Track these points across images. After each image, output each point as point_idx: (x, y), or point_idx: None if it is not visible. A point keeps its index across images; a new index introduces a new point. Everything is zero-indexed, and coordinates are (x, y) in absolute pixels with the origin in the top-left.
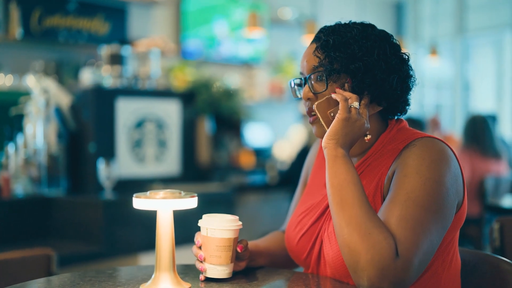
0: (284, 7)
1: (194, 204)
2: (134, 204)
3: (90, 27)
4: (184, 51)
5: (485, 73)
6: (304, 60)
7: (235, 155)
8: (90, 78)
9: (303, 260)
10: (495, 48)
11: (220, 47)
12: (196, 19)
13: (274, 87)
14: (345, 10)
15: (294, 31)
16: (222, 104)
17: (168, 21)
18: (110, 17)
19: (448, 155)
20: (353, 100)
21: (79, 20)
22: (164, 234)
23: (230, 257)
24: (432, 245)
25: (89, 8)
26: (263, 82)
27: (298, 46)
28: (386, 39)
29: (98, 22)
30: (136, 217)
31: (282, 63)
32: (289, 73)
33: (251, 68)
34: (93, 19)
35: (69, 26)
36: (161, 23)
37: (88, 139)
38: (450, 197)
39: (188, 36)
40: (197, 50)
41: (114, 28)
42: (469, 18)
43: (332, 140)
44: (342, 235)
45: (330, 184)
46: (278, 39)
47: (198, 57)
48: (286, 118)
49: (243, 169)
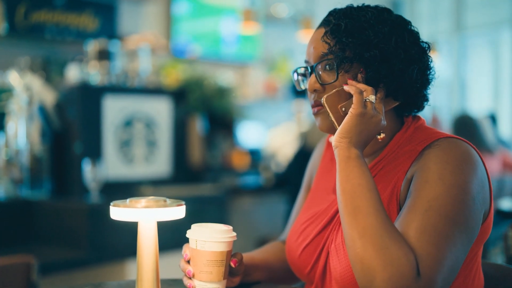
0: (278, 3)
1: (181, 214)
2: (111, 214)
3: (79, 23)
4: (175, 49)
5: (482, 72)
6: (311, 47)
7: (228, 156)
8: (76, 75)
9: (306, 274)
10: (493, 46)
11: (213, 45)
12: (187, 16)
13: (269, 85)
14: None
15: (289, 29)
16: (215, 103)
17: (158, 18)
18: (99, 12)
19: (474, 158)
20: (368, 93)
21: (67, 15)
22: (146, 248)
23: (223, 273)
24: (457, 261)
25: (77, 3)
26: (257, 81)
27: (293, 44)
28: (404, 25)
29: (87, 18)
30: (123, 222)
31: (277, 61)
32: (284, 72)
33: (245, 66)
34: (81, 14)
35: (56, 21)
36: (152, 19)
37: (74, 139)
38: (476, 206)
39: (180, 33)
40: (188, 48)
41: (103, 24)
42: (467, 16)
43: (345, 139)
44: (354, 249)
45: (342, 189)
46: (273, 37)
47: (189, 54)
48: (281, 117)
49: (236, 170)
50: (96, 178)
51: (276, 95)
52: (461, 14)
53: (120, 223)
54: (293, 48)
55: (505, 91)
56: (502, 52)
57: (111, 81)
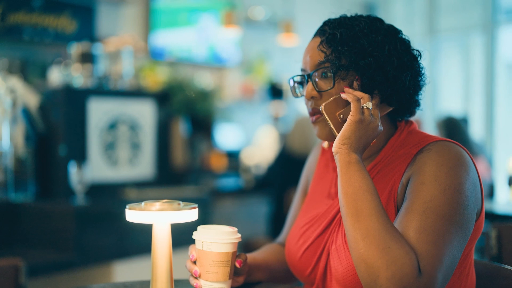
0: (255, 6)
1: (194, 216)
2: (127, 217)
3: (57, 25)
4: (153, 51)
5: (453, 74)
6: (307, 55)
7: (206, 158)
8: (58, 77)
9: (307, 276)
10: (464, 50)
11: (190, 47)
12: (166, 18)
13: (246, 88)
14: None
15: (266, 31)
16: (198, 106)
17: (137, 20)
18: (78, 14)
19: (466, 160)
20: (365, 100)
21: (44, 17)
22: (161, 250)
23: (228, 273)
24: (454, 259)
25: (55, 5)
26: (234, 83)
27: (270, 46)
28: (396, 34)
29: (65, 19)
30: (109, 224)
31: (254, 63)
32: (261, 74)
33: (222, 68)
34: (60, 16)
35: (34, 23)
36: (130, 22)
37: (58, 141)
38: (470, 205)
39: (158, 35)
40: (167, 50)
41: (81, 26)
42: (439, 20)
43: (345, 145)
44: (358, 249)
45: (344, 193)
46: (250, 40)
47: (168, 57)
48: (258, 120)
49: (215, 172)
50: (81, 181)
51: (253, 97)
52: (434, 17)
53: (106, 225)
54: (270, 50)
55: (475, 94)
56: (473, 56)
57: (94, 84)
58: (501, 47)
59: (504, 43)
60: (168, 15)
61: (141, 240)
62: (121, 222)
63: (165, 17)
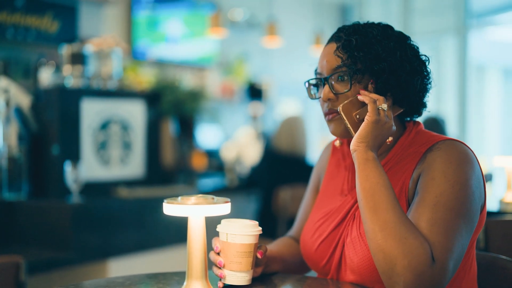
0: (235, 8)
1: (227, 210)
2: (164, 210)
3: (40, 25)
4: (135, 51)
5: None
6: (324, 60)
7: (188, 157)
8: (49, 78)
9: (322, 267)
10: (436, 52)
11: (171, 48)
12: (147, 19)
13: (225, 88)
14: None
15: (245, 33)
16: (187, 106)
17: (119, 21)
18: (60, 15)
19: (472, 158)
20: (381, 102)
21: (27, 17)
22: (196, 241)
23: (251, 263)
24: (462, 249)
25: (38, 5)
26: (214, 84)
27: (249, 47)
28: (405, 40)
29: (48, 20)
30: (106, 221)
31: (233, 64)
32: (240, 75)
33: (202, 69)
34: (42, 17)
35: (17, 23)
36: (112, 22)
37: (51, 141)
38: (475, 200)
39: (140, 36)
40: (148, 51)
41: (64, 27)
42: (414, 23)
43: (363, 143)
44: (376, 240)
45: (362, 188)
46: (229, 41)
47: (149, 57)
48: (237, 120)
49: (197, 172)
50: (77, 179)
51: (233, 97)
52: (408, 20)
53: (102, 223)
54: (249, 51)
55: (447, 95)
56: (445, 58)
57: (84, 84)
58: (472, 50)
59: (475, 46)
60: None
61: (136, 238)
62: (116, 220)
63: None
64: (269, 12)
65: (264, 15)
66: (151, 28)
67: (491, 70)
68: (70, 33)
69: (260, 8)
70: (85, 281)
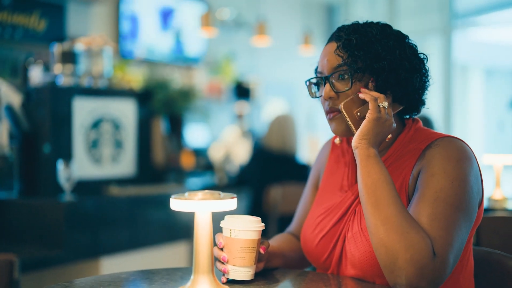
0: (222, 7)
1: (233, 206)
2: (172, 206)
3: (27, 24)
4: (123, 50)
5: None
6: (325, 59)
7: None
8: (39, 77)
9: (323, 262)
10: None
11: (159, 47)
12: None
13: (213, 87)
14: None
15: (233, 32)
16: (178, 104)
17: (107, 19)
18: (47, 13)
19: (470, 154)
20: (381, 100)
21: (14, 16)
22: (203, 236)
23: (254, 259)
24: (462, 243)
25: (25, 4)
26: (201, 82)
27: (236, 46)
28: (403, 39)
29: (35, 18)
30: (97, 220)
31: (221, 63)
32: (228, 74)
33: (190, 68)
34: (30, 15)
35: (4, 21)
36: (100, 21)
37: (43, 140)
38: (474, 195)
39: (126, 34)
40: (136, 49)
41: (51, 25)
42: (399, 23)
43: (364, 140)
44: (378, 235)
45: (364, 184)
46: (217, 40)
47: (137, 56)
48: (224, 119)
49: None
50: (70, 178)
51: (220, 97)
52: (394, 21)
53: (94, 221)
54: (237, 50)
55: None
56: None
57: (75, 83)
58: (456, 50)
59: (459, 46)
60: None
61: (128, 235)
62: (108, 218)
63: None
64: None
65: (251, 14)
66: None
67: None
68: (58, 31)
69: (247, 7)
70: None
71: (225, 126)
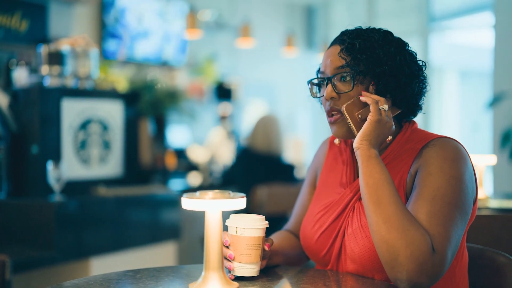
0: (204, 9)
1: (243, 205)
2: (183, 205)
3: (10, 24)
4: (105, 50)
5: None
6: (328, 59)
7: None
8: (25, 77)
9: (322, 257)
10: None
11: (141, 47)
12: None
13: (194, 88)
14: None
15: (214, 33)
16: (165, 105)
17: (89, 20)
18: (29, 14)
19: (465, 154)
20: (382, 103)
21: None
22: (213, 234)
23: (259, 255)
24: (459, 239)
25: (6, 4)
26: (183, 83)
27: (217, 48)
28: (404, 46)
29: (17, 19)
30: (88, 220)
31: (202, 64)
32: (209, 75)
33: (171, 69)
34: (12, 15)
35: None
36: (82, 22)
37: (31, 141)
38: (469, 193)
39: (109, 35)
40: (118, 50)
41: (33, 26)
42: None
43: (365, 141)
44: (379, 232)
45: (365, 184)
46: (198, 41)
47: (119, 57)
48: (206, 119)
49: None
50: (59, 179)
51: (202, 98)
52: (373, 22)
53: (84, 222)
54: (218, 52)
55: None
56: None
57: (62, 84)
58: (433, 52)
59: (436, 48)
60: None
61: (116, 236)
62: (98, 219)
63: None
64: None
65: (232, 16)
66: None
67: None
68: (40, 32)
69: (228, 9)
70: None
71: (208, 127)
